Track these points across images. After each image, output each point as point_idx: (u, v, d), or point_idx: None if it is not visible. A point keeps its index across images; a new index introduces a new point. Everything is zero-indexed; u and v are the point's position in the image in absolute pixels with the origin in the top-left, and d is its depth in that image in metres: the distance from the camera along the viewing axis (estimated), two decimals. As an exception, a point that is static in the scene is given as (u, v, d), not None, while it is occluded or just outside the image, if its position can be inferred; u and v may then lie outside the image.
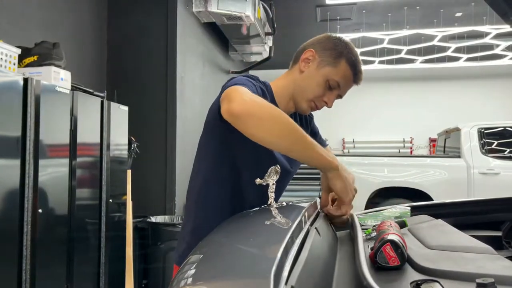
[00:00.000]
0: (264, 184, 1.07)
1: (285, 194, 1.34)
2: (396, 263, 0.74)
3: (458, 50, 7.11)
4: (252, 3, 4.32)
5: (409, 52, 7.20)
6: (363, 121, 9.71)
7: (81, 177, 2.49)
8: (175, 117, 3.87)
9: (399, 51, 7.16)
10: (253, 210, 1.08)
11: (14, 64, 2.19)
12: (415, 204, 1.49)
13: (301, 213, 0.88)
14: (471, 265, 0.73)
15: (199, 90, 4.61)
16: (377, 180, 5.14)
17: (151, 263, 3.40)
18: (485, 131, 5.06)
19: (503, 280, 0.63)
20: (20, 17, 2.85)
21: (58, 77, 2.37)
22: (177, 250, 1.27)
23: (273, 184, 1.08)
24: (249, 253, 0.64)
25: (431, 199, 4.80)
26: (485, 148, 5.00)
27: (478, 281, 0.58)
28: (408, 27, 6.42)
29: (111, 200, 2.77)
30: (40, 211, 2.10)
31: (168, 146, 3.86)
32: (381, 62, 7.71)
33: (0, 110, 1.92)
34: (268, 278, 0.49)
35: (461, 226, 1.21)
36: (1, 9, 2.68)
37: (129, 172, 3.09)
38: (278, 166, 1.12)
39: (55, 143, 2.29)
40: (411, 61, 7.82)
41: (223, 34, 5.20)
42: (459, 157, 5.08)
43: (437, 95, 9.49)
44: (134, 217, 3.15)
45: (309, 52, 1.24)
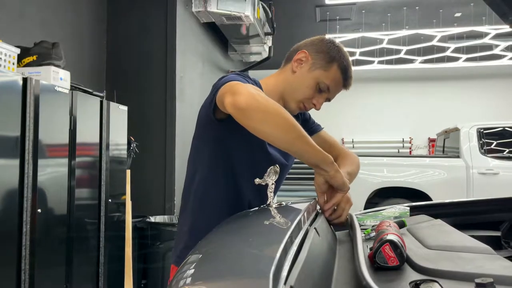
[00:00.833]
0: (263, 184, 1.07)
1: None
2: (395, 263, 0.74)
3: (457, 50, 7.11)
4: (251, 3, 4.31)
5: (409, 52, 7.19)
6: (362, 121, 9.70)
7: (80, 177, 2.48)
8: (174, 117, 3.87)
9: (398, 51, 7.16)
10: (252, 210, 1.08)
11: (13, 63, 2.19)
12: (414, 204, 1.49)
13: (300, 213, 0.87)
14: (470, 265, 0.73)
15: (199, 90, 4.61)
16: (376, 180, 5.15)
17: (151, 263, 3.40)
18: (484, 131, 5.06)
19: (502, 280, 0.63)
20: (19, 16, 2.84)
21: (57, 77, 2.37)
22: (174, 250, 1.27)
23: (272, 184, 1.07)
24: (248, 253, 0.63)
25: (430, 199, 4.80)
26: (484, 148, 5.01)
27: (477, 281, 0.58)
28: (407, 27, 6.42)
29: (110, 200, 2.77)
30: (39, 211, 2.10)
31: (167, 146, 3.86)
32: (381, 62, 7.70)
33: (-1, 110, 1.92)
34: (267, 278, 0.49)
35: (460, 226, 1.21)
36: (0, 8, 2.68)
37: (129, 172, 3.09)
38: (277, 166, 1.12)
39: (54, 143, 2.29)
40: (411, 61, 7.82)
41: (223, 34, 5.19)
42: (458, 157, 5.08)
43: (436, 95, 9.48)
44: (133, 217, 3.16)
45: (302, 53, 1.24)
